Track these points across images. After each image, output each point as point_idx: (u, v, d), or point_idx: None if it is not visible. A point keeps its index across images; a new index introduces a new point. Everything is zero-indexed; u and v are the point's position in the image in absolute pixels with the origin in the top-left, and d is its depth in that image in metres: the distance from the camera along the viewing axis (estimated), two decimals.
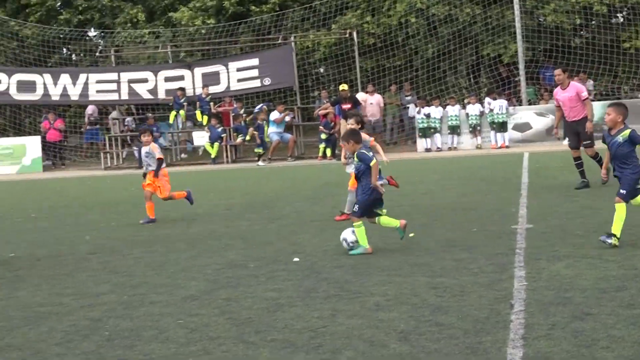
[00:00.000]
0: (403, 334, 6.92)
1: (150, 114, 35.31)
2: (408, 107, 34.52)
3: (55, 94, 36.42)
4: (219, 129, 33.46)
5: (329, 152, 31.80)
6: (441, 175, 22.25)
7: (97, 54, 38.70)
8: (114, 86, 36.21)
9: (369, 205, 11.08)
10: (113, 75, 36.44)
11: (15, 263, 11.80)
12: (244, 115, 34.16)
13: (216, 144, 33.40)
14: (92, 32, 41.38)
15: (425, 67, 35.05)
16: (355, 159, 11.23)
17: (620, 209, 10.20)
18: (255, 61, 35.40)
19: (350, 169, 13.47)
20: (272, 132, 32.73)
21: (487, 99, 32.22)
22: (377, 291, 8.59)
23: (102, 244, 13.22)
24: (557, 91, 17.39)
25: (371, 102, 33.49)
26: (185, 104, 34.81)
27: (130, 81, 36.11)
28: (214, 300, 8.64)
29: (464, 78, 38.08)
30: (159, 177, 15.86)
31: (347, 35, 34.86)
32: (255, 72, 35.22)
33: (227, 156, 33.68)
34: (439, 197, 17.06)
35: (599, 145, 14.05)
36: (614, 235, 10.08)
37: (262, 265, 10.52)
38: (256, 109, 33.35)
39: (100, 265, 11.20)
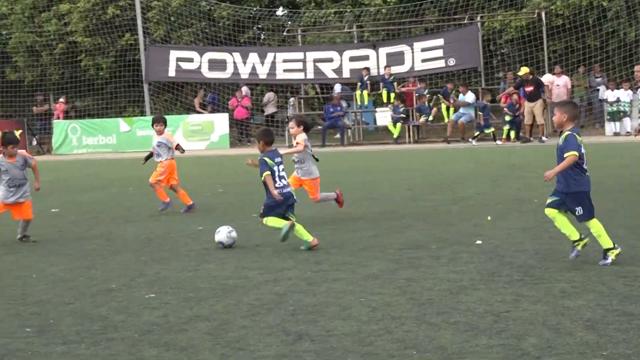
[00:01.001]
0: (590, 323, 6.74)
1: (336, 94, 35.61)
2: (598, 89, 33.42)
3: (244, 72, 37.29)
4: (402, 109, 33.45)
5: (512, 134, 31.27)
6: (630, 160, 21.51)
7: (285, 33, 39.33)
8: (300, 65, 36.72)
9: (274, 209, 10.91)
10: (299, 55, 36.94)
11: (203, 237, 12.17)
12: (428, 95, 34.01)
13: (399, 124, 33.41)
14: (280, 12, 42.09)
15: (618, 48, 33.86)
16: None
17: (594, 225, 9.09)
18: (440, 41, 35.12)
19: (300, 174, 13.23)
20: (459, 112, 32.48)
21: None
22: (563, 277, 8.40)
23: None
24: None
25: (558, 83, 32.66)
26: (368, 82, 34.96)
27: (315, 60, 36.53)
28: (395, 280, 8.67)
29: None
30: (165, 164, 15.36)
31: (536, 16, 34.11)
32: (440, 53, 34.95)
33: (409, 136, 33.64)
34: (627, 183, 16.50)
35: None
36: (609, 249, 8.99)
37: (444, 246, 10.47)
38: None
39: (285, 241, 11.40)
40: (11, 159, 12.33)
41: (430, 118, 33.34)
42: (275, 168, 10.99)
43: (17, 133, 36.27)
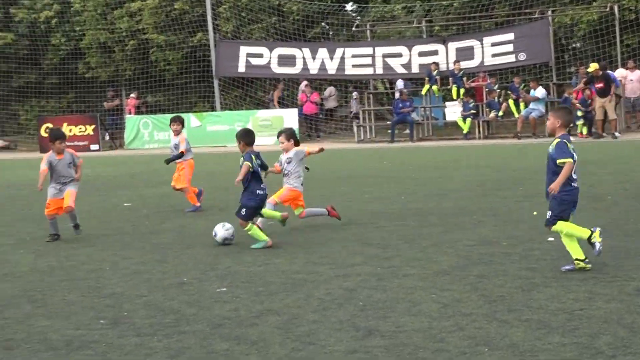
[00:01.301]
0: None
1: (405, 90, 35.46)
2: None
3: (313, 68, 37.37)
4: (472, 105, 33.20)
5: (584, 130, 30.84)
6: None
7: (354, 28, 39.29)
8: (369, 61, 36.67)
9: (254, 210, 11.29)
10: (368, 50, 36.88)
11: (273, 231, 12.22)
12: (498, 90, 33.71)
13: (468, 119, 33.17)
14: (349, 6, 42.05)
15: None
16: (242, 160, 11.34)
17: (560, 228, 8.94)
18: (510, 36, 34.75)
19: (290, 184, 12.72)
20: (529, 107, 32.15)
21: None
22: (637, 275, 8.28)
23: (355, 215, 13.43)
24: None
25: (631, 78, 32.14)
26: (437, 77, 34.75)
27: (384, 56, 36.43)
28: (466, 277, 8.62)
29: None
30: (185, 166, 15.37)
31: (608, 10, 33.59)
32: (510, 47, 34.58)
33: (479, 132, 33.38)
34: None
35: None
36: (577, 260, 8.73)
37: (516, 243, 10.38)
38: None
39: (354, 237, 11.43)
40: (59, 155, 12.48)
41: (500, 113, 33.03)
42: (258, 168, 11.44)
43: (91, 128, 37.16)
